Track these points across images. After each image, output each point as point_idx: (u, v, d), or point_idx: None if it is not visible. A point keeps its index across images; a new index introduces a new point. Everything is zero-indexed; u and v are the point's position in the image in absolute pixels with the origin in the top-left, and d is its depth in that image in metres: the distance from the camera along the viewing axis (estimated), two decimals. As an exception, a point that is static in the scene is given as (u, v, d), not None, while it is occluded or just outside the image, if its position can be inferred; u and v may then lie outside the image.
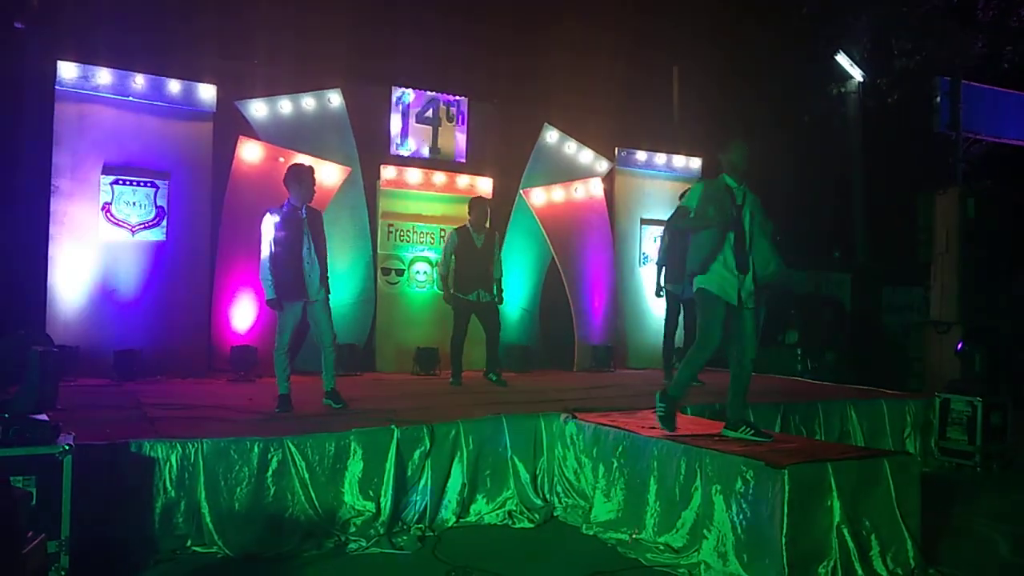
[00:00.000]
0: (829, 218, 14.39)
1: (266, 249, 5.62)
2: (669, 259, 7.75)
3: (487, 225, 7.62)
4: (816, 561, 3.96)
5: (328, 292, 5.82)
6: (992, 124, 9.69)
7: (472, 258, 7.43)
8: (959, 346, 7.89)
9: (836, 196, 14.60)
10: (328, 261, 5.91)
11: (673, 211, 7.90)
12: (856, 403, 6.74)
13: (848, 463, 4.22)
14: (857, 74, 14.35)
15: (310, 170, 5.81)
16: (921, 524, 4.35)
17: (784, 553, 3.85)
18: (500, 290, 7.62)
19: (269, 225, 5.63)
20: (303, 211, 5.72)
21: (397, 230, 8.88)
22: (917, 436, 6.91)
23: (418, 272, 8.95)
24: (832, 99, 14.51)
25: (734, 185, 4.81)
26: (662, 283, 7.89)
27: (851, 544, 4.05)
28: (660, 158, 10.35)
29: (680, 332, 7.93)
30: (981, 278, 8.55)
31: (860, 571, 4.04)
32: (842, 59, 14.24)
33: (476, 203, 7.62)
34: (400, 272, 8.87)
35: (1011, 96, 9.74)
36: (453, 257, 7.46)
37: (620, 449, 4.96)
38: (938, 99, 9.20)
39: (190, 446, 4.32)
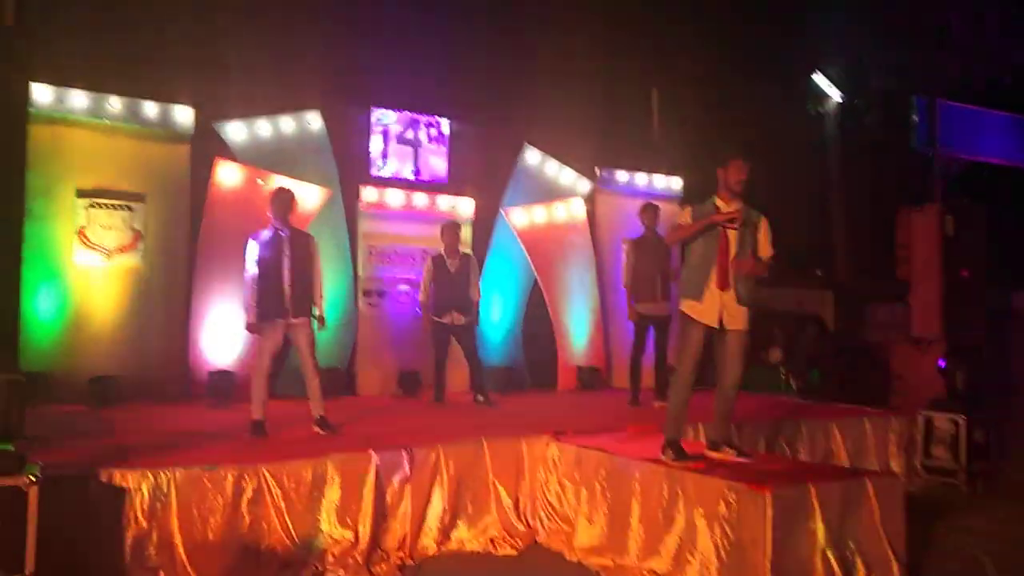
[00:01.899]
0: (810, 236, 14.47)
1: (248, 271, 5.63)
2: (636, 279, 7.69)
3: (460, 249, 7.65)
4: (801, 584, 3.92)
5: (311, 316, 5.76)
6: (968, 142, 9.81)
7: (446, 282, 7.50)
8: (941, 363, 7.89)
9: (816, 214, 14.69)
10: (319, 287, 5.85)
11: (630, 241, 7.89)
12: (840, 422, 6.72)
13: (831, 485, 4.18)
14: (835, 94, 14.50)
15: (280, 192, 5.83)
16: (906, 544, 4.32)
17: (769, 577, 3.80)
18: (476, 312, 7.62)
19: (252, 247, 5.67)
20: (284, 232, 5.70)
21: (378, 252, 8.83)
22: (901, 454, 6.90)
23: (400, 294, 8.88)
24: (810, 118, 14.64)
25: (722, 207, 4.78)
26: (633, 305, 7.72)
27: (836, 566, 4.01)
28: (641, 178, 10.39)
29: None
30: (961, 294, 8.58)
31: (846, 594, 4.00)
32: (819, 79, 14.38)
33: (447, 228, 7.67)
34: (382, 294, 8.80)
35: (986, 115, 9.87)
36: (431, 284, 7.52)
37: (602, 472, 4.91)
38: (915, 118, 9.30)
39: (162, 475, 4.21)
